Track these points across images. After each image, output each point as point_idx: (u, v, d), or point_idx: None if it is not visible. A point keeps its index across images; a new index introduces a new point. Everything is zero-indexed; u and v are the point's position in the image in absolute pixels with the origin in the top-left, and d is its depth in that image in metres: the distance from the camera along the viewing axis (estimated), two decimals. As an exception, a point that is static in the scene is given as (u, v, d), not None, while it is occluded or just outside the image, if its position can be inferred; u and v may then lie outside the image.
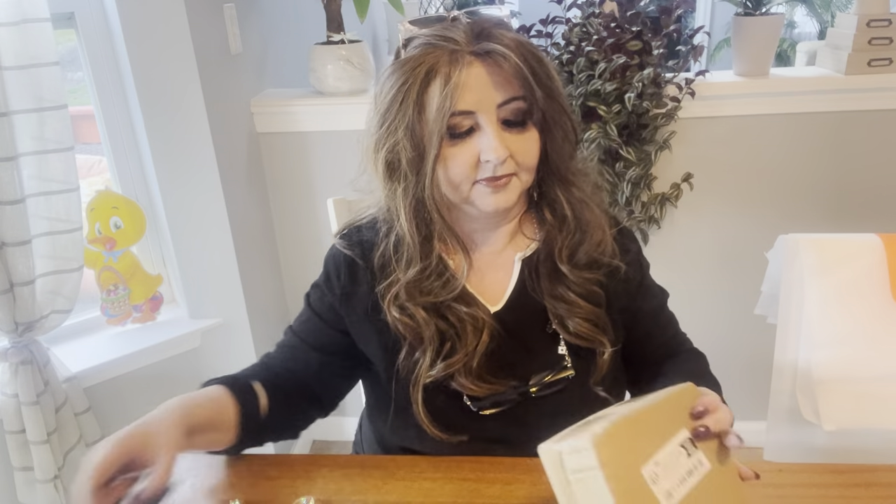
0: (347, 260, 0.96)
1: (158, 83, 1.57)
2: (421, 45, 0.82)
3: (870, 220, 1.85)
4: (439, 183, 0.85)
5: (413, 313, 0.89)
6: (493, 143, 0.80)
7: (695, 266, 1.94)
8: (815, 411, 1.16)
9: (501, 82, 0.81)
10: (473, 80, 0.80)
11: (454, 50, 0.80)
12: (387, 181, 0.88)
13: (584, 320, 0.91)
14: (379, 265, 0.93)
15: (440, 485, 0.88)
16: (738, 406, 2.14)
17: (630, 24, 1.66)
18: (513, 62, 0.79)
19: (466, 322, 0.89)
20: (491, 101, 0.81)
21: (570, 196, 0.91)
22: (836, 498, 0.84)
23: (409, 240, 0.88)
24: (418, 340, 0.90)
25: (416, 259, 0.89)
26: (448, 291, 0.89)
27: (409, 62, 0.81)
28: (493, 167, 0.82)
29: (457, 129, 0.82)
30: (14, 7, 1.28)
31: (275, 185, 1.97)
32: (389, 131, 0.84)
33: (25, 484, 1.48)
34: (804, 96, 1.75)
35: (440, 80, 0.79)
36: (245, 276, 1.80)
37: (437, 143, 0.81)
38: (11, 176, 1.32)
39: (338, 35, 1.83)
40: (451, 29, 0.82)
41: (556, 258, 0.92)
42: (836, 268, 1.16)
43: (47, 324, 1.45)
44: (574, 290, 0.91)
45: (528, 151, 0.84)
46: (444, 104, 0.79)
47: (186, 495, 0.89)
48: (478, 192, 0.85)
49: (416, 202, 0.86)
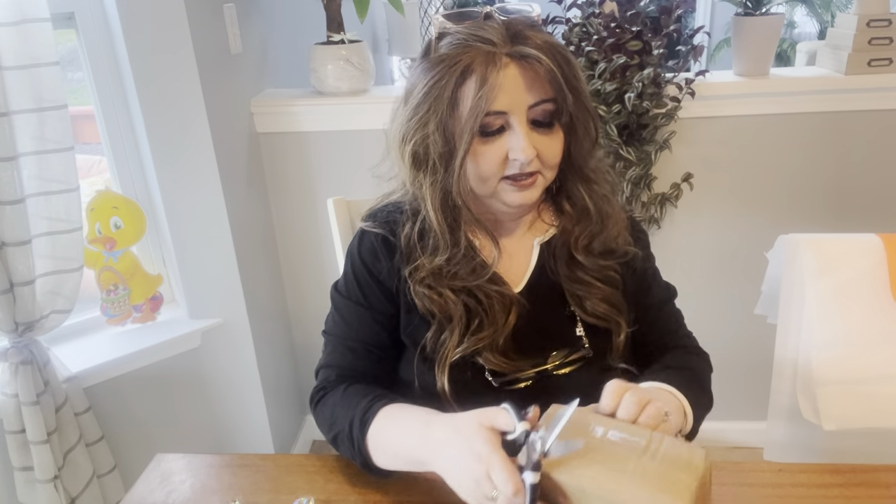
0: (380, 238, 0.97)
1: (158, 83, 1.57)
2: (457, 43, 0.85)
3: (870, 220, 1.85)
4: (467, 177, 0.88)
5: (441, 292, 0.92)
6: (523, 143, 0.84)
7: (695, 266, 1.94)
8: (815, 411, 1.16)
9: (534, 84, 0.84)
10: (508, 81, 0.83)
11: (490, 51, 0.83)
12: (413, 171, 0.91)
13: (602, 301, 0.95)
14: (405, 244, 0.95)
15: (441, 484, 0.88)
16: (739, 406, 2.14)
17: (630, 24, 1.66)
18: (546, 65, 0.82)
19: (495, 300, 0.92)
20: (523, 103, 0.84)
21: (591, 191, 0.95)
22: (836, 498, 0.84)
23: (437, 228, 0.91)
24: (447, 318, 0.92)
25: (443, 247, 0.92)
26: (477, 277, 0.92)
27: (445, 60, 0.84)
28: (519, 165, 0.85)
29: (488, 127, 0.85)
30: (14, 7, 1.28)
31: (275, 185, 1.97)
32: (420, 124, 0.87)
33: (25, 484, 1.48)
34: (804, 96, 1.75)
35: (476, 79, 0.82)
36: (245, 276, 1.80)
37: (468, 140, 0.84)
38: (11, 176, 1.32)
39: (338, 35, 1.83)
40: (487, 28, 0.84)
41: (572, 247, 0.96)
42: (836, 268, 1.16)
43: (47, 324, 1.45)
44: (591, 273, 0.95)
45: (553, 151, 0.88)
46: (479, 104, 0.82)
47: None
48: (504, 188, 0.89)
49: (444, 194, 0.90)
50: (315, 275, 2.05)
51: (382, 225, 0.97)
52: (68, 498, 1.52)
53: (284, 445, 2.08)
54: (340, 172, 1.91)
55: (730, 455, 2.02)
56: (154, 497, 0.90)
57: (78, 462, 1.53)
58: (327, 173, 1.93)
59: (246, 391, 1.90)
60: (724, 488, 0.86)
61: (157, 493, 0.90)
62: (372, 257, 0.97)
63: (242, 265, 1.78)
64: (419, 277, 0.92)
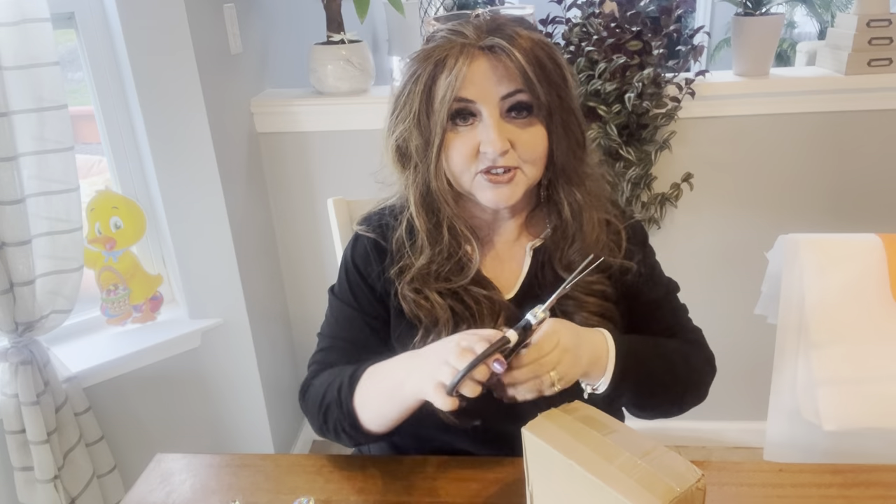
0: (371, 242, 0.98)
1: (158, 83, 1.57)
2: (437, 39, 0.86)
3: (870, 220, 1.85)
4: (445, 172, 0.88)
5: (428, 296, 0.91)
6: (492, 135, 0.83)
7: (695, 266, 1.94)
8: (815, 411, 1.16)
9: (504, 76, 0.83)
10: (478, 72, 0.83)
11: (463, 44, 0.84)
12: (398, 167, 0.92)
13: (593, 314, 0.93)
14: (395, 248, 0.95)
15: (441, 484, 0.88)
16: (739, 406, 2.14)
17: (630, 24, 1.66)
18: (515, 58, 0.82)
19: (483, 304, 0.91)
20: (493, 94, 0.84)
21: (571, 199, 0.93)
22: (836, 498, 0.84)
23: (419, 225, 0.91)
24: (433, 322, 0.91)
25: (426, 245, 0.92)
26: (463, 277, 0.92)
27: (422, 53, 0.86)
28: (491, 157, 0.84)
29: (459, 116, 0.85)
30: (14, 7, 1.28)
31: (275, 185, 1.97)
32: (400, 119, 0.88)
33: (25, 484, 1.48)
34: (804, 96, 1.75)
35: (447, 70, 0.83)
36: (245, 276, 1.80)
37: (441, 130, 0.84)
38: (11, 176, 1.32)
39: (338, 35, 1.83)
40: (466, 25, 0.85)
41: (556, 263, 0.94)
42: (836, 268, 1.16)
43: (47, 324, 1.45)
44: (577, 289, 0.92)
45: (531, 144, 0.86)
46: (448, 92, 0.83)
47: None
48: (478, 184, 0.87)
49: (425, 189, 0.90)
50: (315, 275, 2.05)
51: (375, 229, 0.98)
52: (68, 498, 1.52)
53: (284, 445, 2.08)
54: (340, 172, 1.91)
55: (730, 455, 2.02)
56: (154, 497, 0.90)
57: (78, 462, 1.53)
58: (327, 173, 1.93)
59: (246, 391, 1.90)
60: (724, 488, 0.86)
61: (157, 493, 0.91)
62: (364, 261, 0.97)
63: (242, 265, 1.78)
64: (406, 279, 0.92)
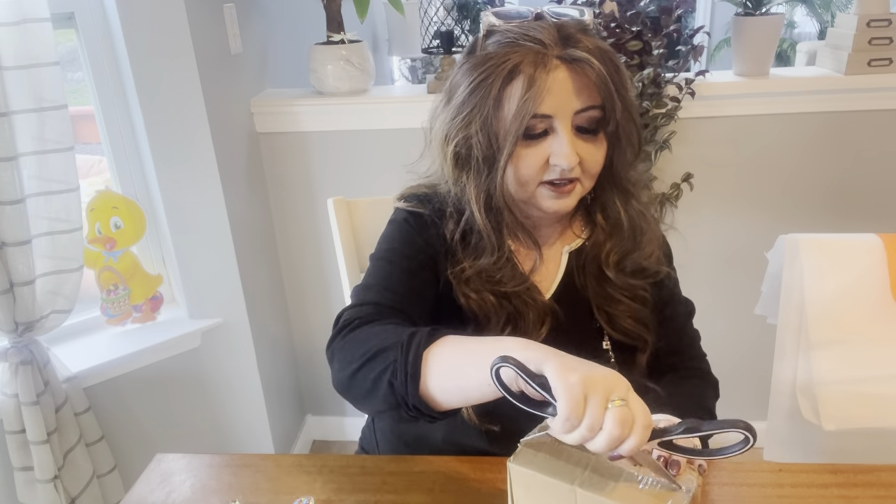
0: (429, 217, 0.94)
1: (158, 83, 1.57)
2: (506, 42, 0.82)
3: (870, 220, 1.85)
4: (508, 179, 0.86)
5: (485, 297, 0.90)
6: (566, 149, 0.82)
7: (695, 266, 1.94)
8: (815, 411, 1.16)
9: (582, 89, 0.81)
10: (556, 84, 0.80)
11: (540, 52, 0.80)
12: (456, 171, 0.89)
13: (630, 317, 0.93)
14: (449, 241, 0.93)
15: (441, 485, 0.88)
16: (738, 406, 2.14)
17: (630, 24, 1.66)
18: (598, 70, 0.79)
19: (531, 308, 0.91)
20: (569, 108, 0.82)
21: (627, 205, 0.93)
22: (836, 498, 0.84)
23: (483, 231, 0.89)
24: (486, 321, 0.90)
25: (489, 250, 0.90)
26: (516, 283, 0.91)
27: (492, 58, 0.82)
28: (560, 171, 0.83)
29: (532, 130, 0.82)
30: (14, 7, 1.28)
31: (275, 185, 1.97)
32: (463, 124, 0.85)
33: (25, 484, 1.48)
34: (804, 96, 1.75)
35: (523, 80, 0.80)
36: (245, 276, 1.80)
37: (512, 143, 0.82)
38: (11, 176, 1.32)
39: (338, 35, 1.83)
40: (538, 28, 0.82)
41: (603, 262, 0.93)
42: (836, 268, 1.16)
43: (47, 324, 1.45)
44: (620, 291, 0.93)
45: (595, 159, 0.86)
46: (526, 106, 0.80)
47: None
48: (542, 193, 0.87)
49: (487, 196, 0.88)
50: (315, 275, 2.04)
51: (423, 204, 0.95)
52: (68, 498, 1.52)
53: (284, 445, 2.08)
54: (340, 172, 1.91)
55: (730, 455, 2.02)
56: (154, 497, 0.90)
57: (78, 462, 1.53)
58: (327, 173, 1.93)
59: (246, 391, 1.90)
60: (724, 488, 0.86)
61: (157, 493, 0.90)
62: (421, 227, 0.94)
63: (242, 265, 1.78)
64: (463, 278, 0.91)
